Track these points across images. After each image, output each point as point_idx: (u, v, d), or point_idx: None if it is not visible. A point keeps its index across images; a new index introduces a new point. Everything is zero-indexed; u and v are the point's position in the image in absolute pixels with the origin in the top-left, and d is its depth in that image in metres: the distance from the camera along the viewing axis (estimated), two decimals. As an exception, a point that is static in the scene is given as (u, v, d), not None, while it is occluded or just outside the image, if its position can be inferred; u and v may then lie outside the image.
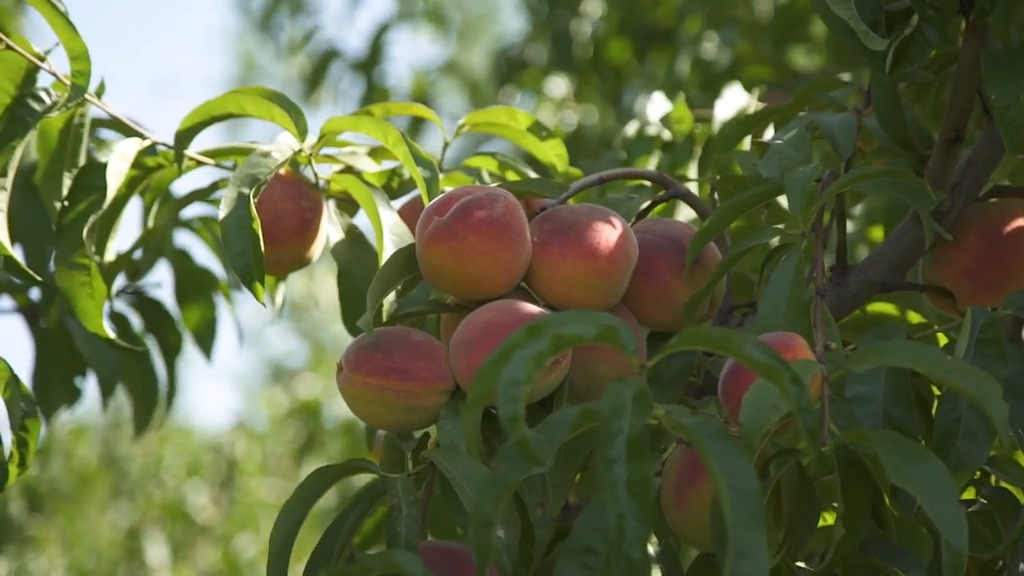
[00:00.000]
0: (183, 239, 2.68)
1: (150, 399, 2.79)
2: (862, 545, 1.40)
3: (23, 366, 4.37)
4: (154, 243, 2.45)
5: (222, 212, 1.67)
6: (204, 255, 2.80)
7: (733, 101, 2.50)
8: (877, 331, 1.58)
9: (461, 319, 1.66)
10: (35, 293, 2.66)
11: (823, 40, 4.09)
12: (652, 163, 2.56)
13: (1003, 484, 1.57)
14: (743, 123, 2.06)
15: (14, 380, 1.64)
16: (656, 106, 2.62)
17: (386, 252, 1.72)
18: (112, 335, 1.90)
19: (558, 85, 4.98)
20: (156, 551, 7.67)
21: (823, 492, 1.53)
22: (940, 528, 1.22)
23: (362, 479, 1.65)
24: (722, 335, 1.26)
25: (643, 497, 1.19)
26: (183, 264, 2.66)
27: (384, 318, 1.69)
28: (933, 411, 1.57)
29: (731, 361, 1.43)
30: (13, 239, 1.87)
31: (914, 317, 1.94)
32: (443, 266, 1.62)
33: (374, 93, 5.55)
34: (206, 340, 2.75)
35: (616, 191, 2.17)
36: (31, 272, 1.78)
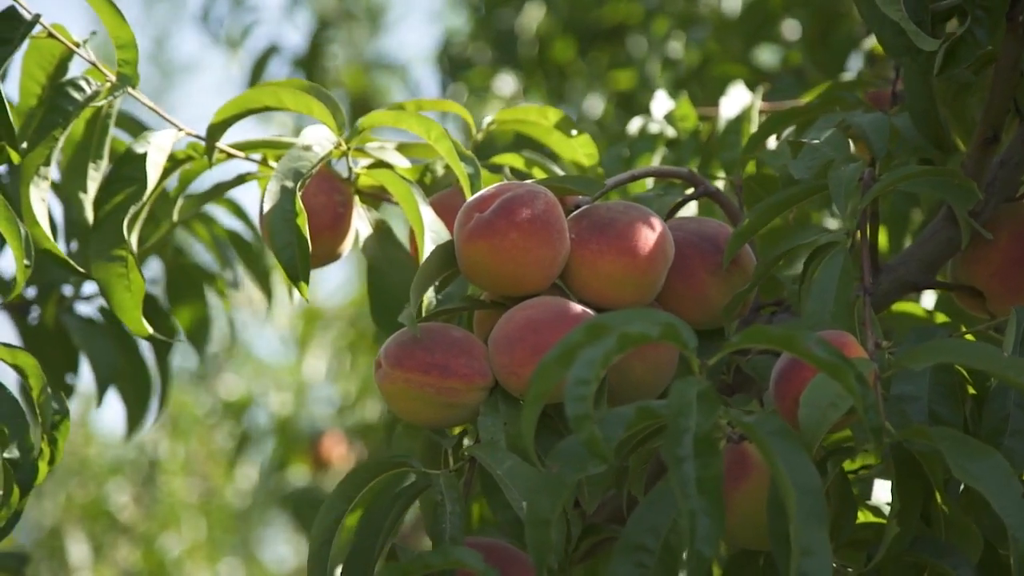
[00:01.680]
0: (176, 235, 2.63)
1: (143, 397, 2.74)
2: (911, 543, 1.41)
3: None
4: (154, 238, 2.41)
5: (266, 205, 1.64)
6: (197, 251, 2.75)
7: (737, 99, 2.51)
8: (919, 330, 1.58)
9: (496, 316, 1.65)
10: (29, 289, 2.59)
11: (794, 40, 4.11)
12: (656, 160, 2.56)
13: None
14: (768, 123, 2.05)
15: (44, 378, 1.60)
16: (660, 103, 2.62)
17: (426, 248, 1.70)
18: (150, 329, 1.86)
19: (507, 83, 4.96)
20: (77, 550, 7.56)
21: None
22: (1007, 523, 1.23)
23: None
24: (785, 333, 1.26)
25: (714, 494, 1.19)
26: (177, 260, 2.61)
27: (423, 314, 1.68)
28: (967, 410, 1.58)
29: (784, 359, 1.43)
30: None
31: (936, 315, 1.95)
32: (484, 262, 1.61)
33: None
34: (199, 338, 2.70)
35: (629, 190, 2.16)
36: (76, 265, 1.73)
